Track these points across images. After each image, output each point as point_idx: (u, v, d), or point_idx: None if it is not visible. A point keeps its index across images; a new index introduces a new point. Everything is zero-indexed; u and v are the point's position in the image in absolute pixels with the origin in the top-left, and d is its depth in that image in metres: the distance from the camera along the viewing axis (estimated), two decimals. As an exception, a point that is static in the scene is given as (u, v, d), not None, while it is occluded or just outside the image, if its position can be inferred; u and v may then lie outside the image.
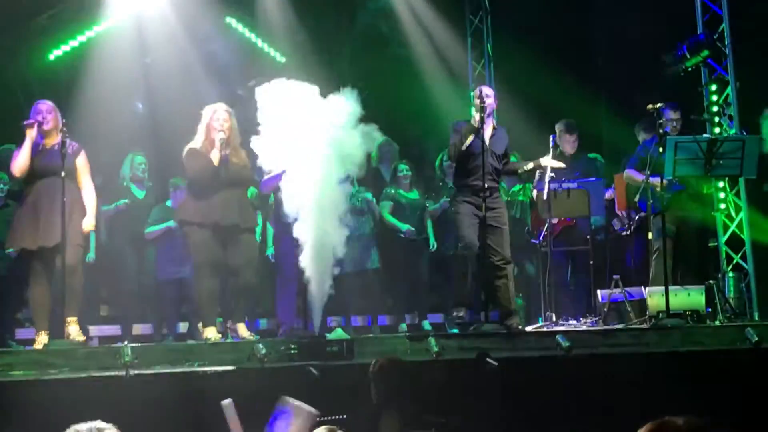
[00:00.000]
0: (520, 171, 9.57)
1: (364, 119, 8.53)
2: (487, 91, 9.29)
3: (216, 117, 8.71)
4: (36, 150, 8.41)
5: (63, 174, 8.09)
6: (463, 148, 9.03)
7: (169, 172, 11.26)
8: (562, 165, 9.47)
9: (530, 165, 9.38)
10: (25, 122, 8.48)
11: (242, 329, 8.69)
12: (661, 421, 2.65)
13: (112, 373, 6.66)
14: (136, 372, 6.57)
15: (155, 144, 11.82)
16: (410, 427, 5.51)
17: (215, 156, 8.60)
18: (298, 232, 8.12)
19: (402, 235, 10.89)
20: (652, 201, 9.38)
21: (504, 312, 9.02)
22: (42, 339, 8.24)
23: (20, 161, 8.33)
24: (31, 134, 8.36)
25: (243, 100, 10.29)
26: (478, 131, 8.96)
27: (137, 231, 10.54)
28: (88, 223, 8.50)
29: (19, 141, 8.58)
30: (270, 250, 10.65)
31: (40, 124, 8.43)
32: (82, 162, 8.57)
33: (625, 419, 4.02)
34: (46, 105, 8.64)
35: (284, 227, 8.98)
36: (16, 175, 8.50)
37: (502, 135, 9.27)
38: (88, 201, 8.54)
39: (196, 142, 8.76)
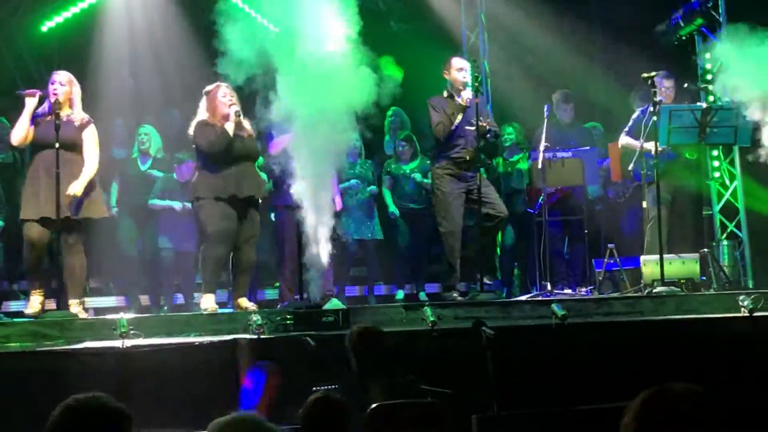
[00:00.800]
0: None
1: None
2: (462, 63, 9.36)
3: (223, 93, 8.72)
4: (41, 120, 8.32)
5: (57, 146, 8.05)
6: (453, 126, 9.10)
7: (168, 145, 11.28)
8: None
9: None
10: (19, 91, 8.42)
11: (243, 302, 8.70)
12: (658, 387, 2.66)
13: (108, 344, 6.66)
14: (132, 343, 6.57)
15: (157, 117, 11.80)
16: (403, 397, 5.52)
17: (230, 128, 8.61)
18: (296, 191, 8.25)
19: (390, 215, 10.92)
20: (646, 170, 9.38)
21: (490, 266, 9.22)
22: (34, 300, 8.19)
23: (17, 131, 8.26)
24: (29, 103, 8.28)
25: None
26: (465, 109, 9.04)
27: (137, 203, 10.52)
28: (73, 188, 8.24)
29: (14, 113, 8.54)
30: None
31: (43, 96, 8.35)
32: (89, 135, 8.42)
33: (620, 387, 4.03)
34: (60, 75, 8.53)
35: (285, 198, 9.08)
36: (14, 144, 8.45)
37: (483, 106, 9.33)
38: (87, 170, 8.41)
39: (207, 117, 8.76)
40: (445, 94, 9.37)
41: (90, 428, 2.83)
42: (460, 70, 9.31)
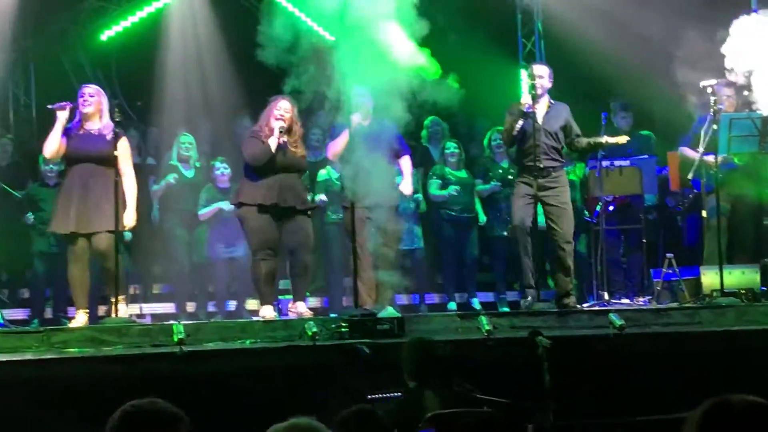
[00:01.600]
0: (587, 146, 9.45)
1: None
2: (539, 70, 9.26)
3: (279, 106, 8.81)
4: (74, 134, 8.41)
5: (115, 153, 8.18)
6: (515, 132, 9.06)
7: (216, 152, 11.38)
8: (624, 139, 9.32)
9: (600, 140, 9.31)
10: (50, 105, 8.48)
11: (301, 307, 8.78)
12: (718, 399, 2.61)
13: (166, 350, 6.70)
14: (189, 349, 6.61)
15: (205, 124, 11.88)
16: (458, 407, 5.50)
17: (273, 143, 8.70)
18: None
19: (450, 194, 10.82)
20: (705, 179, 9.27)
21: (560, 292, 9.04)
22: (81, 317, 8.31)
23: (49, 144, 8.32)
24: (61, 117, 8.34)
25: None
26: (526, 114, 8.97)
27: (186, 210, 10.58)
28: (130, 219, 8.42)
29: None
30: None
31: (74, 108, 8.43)
32: (122, 148, 8.42)
33: (678, 399, 3.98)
34: (90, 88, 8.65)
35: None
36: (46, 157, 8.53)
37: (558, 112, 9.23)
38: (129, 192, 8.44)
39: (258, 128, 8.90)
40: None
41: None
42: (540, 77, 9.24)
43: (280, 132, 8.72)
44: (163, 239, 10.65)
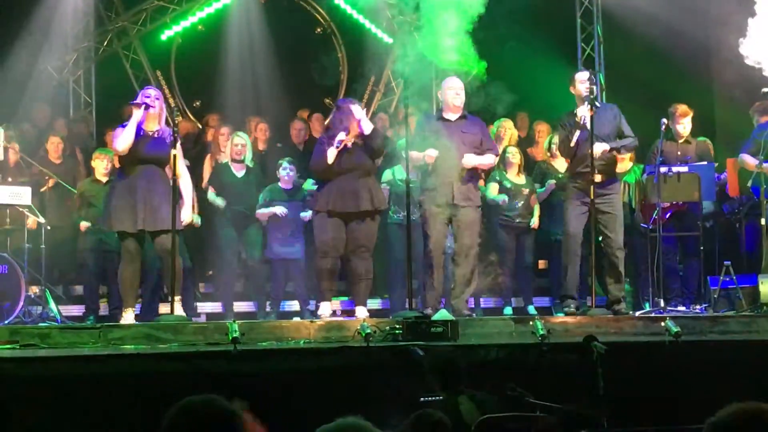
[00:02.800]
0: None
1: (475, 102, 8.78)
2: (581, 76, 9.30)
3: (344, 112, 9.12)
4: (138, 134, 8.54)
5: (172, 155, 8.30)
6: (572, 144, 9.06)
7: (271, 152, 11.44)
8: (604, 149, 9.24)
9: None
10: (132, 102, 8.63)
11: (361, 312, 9.09)
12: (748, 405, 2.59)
13: (220, 348, 6.75)
14: (243, 348, 6.64)
15: (261, 123, 11.93)
16: (511, 411, 5.49)
17: (331, 154, 8.95)
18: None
19: (500, 203, 10.78)
20: (766, 186, 9.16)
21: (611, 299, 9.05)
22: (128, 316, 8.46)
23: (126, 138, 8.45)
24: (137, 114, 8.48)
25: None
26: (581, 125, 8.96)
27: (236, 210, 10.56)
28: (188, 215, 8.76)
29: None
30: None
31: (147, 107, 8.55)
32: (179, 151, 8.65)
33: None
34: (155, 91, 8.84)
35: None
36: (118, 151, 8.63)
37: (605, 115, 9.22)
38: (186, 190, 8.72)
39: (326, 134, 9.34)
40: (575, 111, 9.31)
41: (204, 429, 2.86)
42: (582, 82, 9.25)
43: (337, 147, 8.98)
44: (211, 239, 10.69)
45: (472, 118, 9.49)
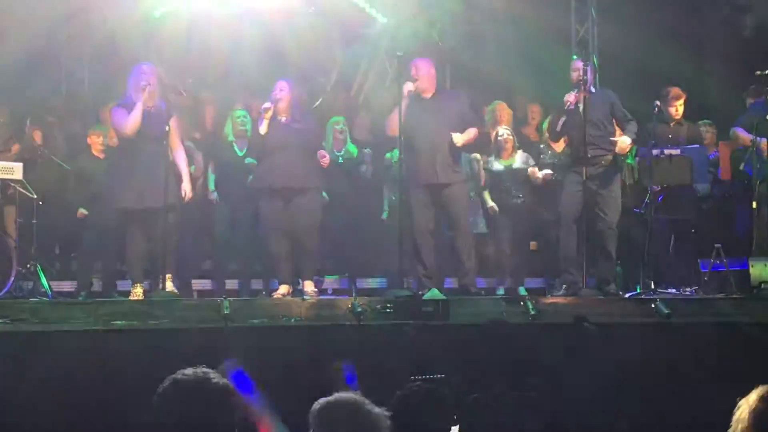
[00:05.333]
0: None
1: (471, 83, 8.76)
2: (576, 65, 9.42)
3: (275, 88, 9.13)
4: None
5: (167, 130, 8.28)
6: (558, 129, 9.42)
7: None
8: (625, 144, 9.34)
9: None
10: (142, 84, 8.59)
11: (309, 287, 9.07)
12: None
13: (212, 325, 6.75)
14: (235, 325, 6.65)
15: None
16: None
17: (262, 127, 8.95)
18: None
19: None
20: (759, 167, 9.18)
21: (599, 278, 9.11)
22: (137, 291, 8.48)
23: (134, 121, 8.46)
24: (143, 96, 8.48)
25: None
26: (567, 112, 9.20)
27: (237, 188, 10.52)
28: (188, 190, 8.73)
29: (119, 99, 8.74)
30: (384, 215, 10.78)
31: (145, 87, 8.57)
32: (174, 126, 8.74)
33: (723, 388, 3.95)
34: (150, 67, 8.79)
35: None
36: (127, 134, 8.61)
37: (598, 100, 9.29)
38: (181, 166, 8.73)
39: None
40: None
41: (197, 402, 2.87)
42: (574, 70, 9.36)
43: (263, 112, 8.96)
44: (205, 216, 10.68)
45: (449, 92, 9.54)
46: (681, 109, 10.22)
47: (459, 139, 9.03)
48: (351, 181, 10.82)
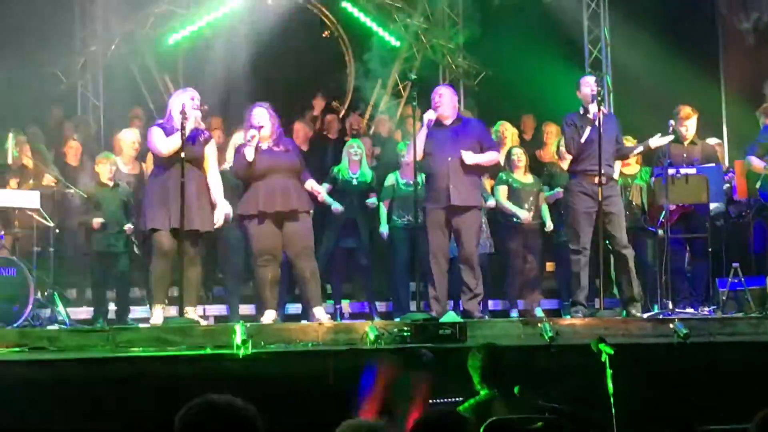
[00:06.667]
0: (631, 155, 9.63)
1: (483, 103, 8.75)
2: (585, 80, 9.40)
3: (255, 113, 8.92)
4: (172, 134, 8.57)
5: (183, 156, 8.29)
6: (582, 140, 9.10)
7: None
8: (668, 138, 9.34)
9: (640, 148, 9.51)
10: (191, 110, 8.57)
11: (319, 313, 8.90)
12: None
13: (228, 351, 6.75)
14: (252, 350, 6.65)
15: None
16: (520, 413, 5.49)
17: (249, 152, 8.76)
18: None
19: (516, 221, 10.81)
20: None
21: (624, 298, 9.10)
22: (157, 313, 8.46)
23: (173, 144, 8.42)
24: (188, 124, 8.47)
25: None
26: (592, 121, 9.04)
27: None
28: (221, 216, 8.72)
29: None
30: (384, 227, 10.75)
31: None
32: (210, 150, 8.75)
33: (741, 409, 3.94)
34: (195, 92, 8.80)
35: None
36: (162, 154, 8.61)
37: (611, 121, 9.30)
38: (216, 191, 8.73)
39: (239, 138, 9.18)
40: (581, 111, 9.37)
41: (226, 428, 2.84)
42: (586, 85, 9.34)
43: (250, 139, 8.76)
44: (218, 241, 10.71)
45: (468, 120, 9.56)
46: (692, 129, 10.19)
47: (470, 157, 9.03)
48: (364, 204, 10.83)
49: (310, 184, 9.15)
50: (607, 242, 9.21)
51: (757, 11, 12.16)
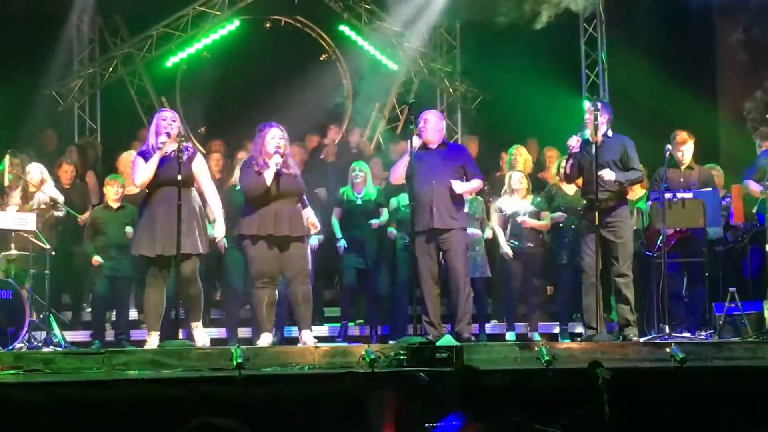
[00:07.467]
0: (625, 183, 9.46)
1: (484, 127, 8.77)
2: (586, 104, 9.45)
3: (272, 135, 8.83)
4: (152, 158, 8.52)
5: (179, 179, 8.26)
6: (567, 171, 9.44)
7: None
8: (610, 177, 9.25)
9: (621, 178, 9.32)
10: (159, 139, 8.50)
11: (306, 337, 8.87)
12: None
13: (225, 374, 6.73)
14: (247, 373, 6.63)
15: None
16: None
17: (269, 176, 8.70)
18: None
19: (515, 244, 10.82)
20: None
21: (621, 323, 9.11)
22: (153, 339, 8.45)
23: (146, 174, 8.40)
24: (164, 148, 8.44)
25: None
26: (573, 155, 9.23)
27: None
28: (221, 231, 8.72)
29: (134, 145, 8.73)
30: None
31: (168, 135, 8.53)
32: (198, 167, 8.67)
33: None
34: (170, 113, 8.77)
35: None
36: (137, 186, 8.62)
37: (611, 145, 9.26)
38: (215, 206, 8.71)
39: (252, 158, 8.95)
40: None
41: None
42: (586, 112, 9.39)
43: (276, 167, 8.71)
44: (217, 263, 10.70)
45: (453, 146, 9.65)
46: (689, 153, 10.20)
47: (459, 187, 9.07)
48: (368, 223, 10.93)
49: (307, 214, 9.10)
50: (608, 265, 9.22)
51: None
